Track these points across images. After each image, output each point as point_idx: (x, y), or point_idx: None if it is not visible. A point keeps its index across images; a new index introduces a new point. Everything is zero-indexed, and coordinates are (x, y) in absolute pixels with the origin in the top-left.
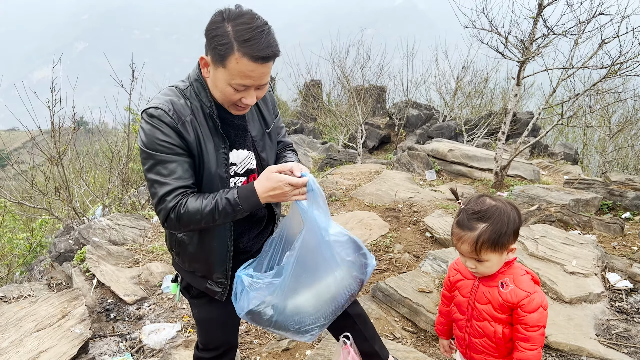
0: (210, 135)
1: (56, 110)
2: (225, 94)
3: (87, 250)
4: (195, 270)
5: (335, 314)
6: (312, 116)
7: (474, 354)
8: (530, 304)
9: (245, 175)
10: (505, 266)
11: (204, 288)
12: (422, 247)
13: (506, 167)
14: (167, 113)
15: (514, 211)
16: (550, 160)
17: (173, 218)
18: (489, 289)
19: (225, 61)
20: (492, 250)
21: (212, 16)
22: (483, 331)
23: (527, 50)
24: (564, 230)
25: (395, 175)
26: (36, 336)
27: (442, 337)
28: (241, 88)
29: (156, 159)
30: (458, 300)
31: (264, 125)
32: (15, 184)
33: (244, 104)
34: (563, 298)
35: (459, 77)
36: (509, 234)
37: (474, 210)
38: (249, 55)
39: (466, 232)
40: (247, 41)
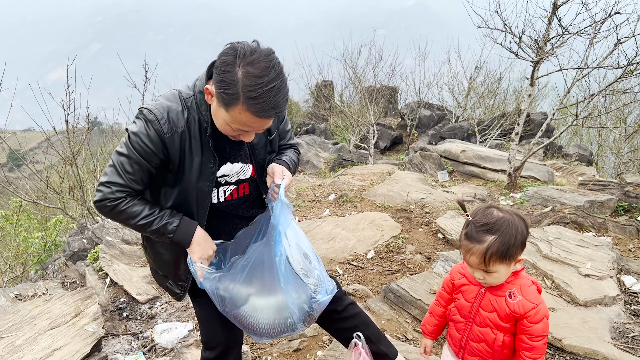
0: (201, 149)
1: (70, 110)
2: (224, 129)
3: (101, 249)
4: (158, 268)
5: (274, 335)
6: (324, 117)
7: (469, 355)
8: (536, 315)
9: (235, 184)
10: (512, 276)
11: (165, 287)
12: (434, 249)
13: (519, 168)
14: (158, 121)
15: (521, 222)
16: (565, 161)
17: (109, 206)
18: (496, 297)
19: (228, 108)
20: (500, 262)
21: (224, 48)
22: (483, 337)
23: (542, 50)
24: (579, 232)
25: (407, 176)
26: (50, 334)
27: (427, 337)
28: (241, 132)
29: (129, 153)
30: (460, 303)
31: (266, 133)
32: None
33: (243, 139)
34: (577, 301)
35: (471, 78)
36: (517, 245)
37: (482, 223)
38: (253, 112)
39: (475, 245)
40: (254, 99)
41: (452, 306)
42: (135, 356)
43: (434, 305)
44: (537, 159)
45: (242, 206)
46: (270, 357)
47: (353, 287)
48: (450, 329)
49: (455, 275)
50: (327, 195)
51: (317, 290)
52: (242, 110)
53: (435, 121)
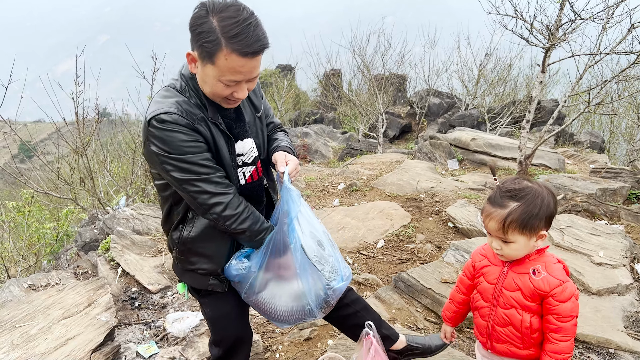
0: (216, 132)
1: (80, 101)
2: (215, 90)
3: (112, 239)
4: (198, 268)
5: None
6: (332, 106)
7: (497, 343)
8: (563, 293)
9: (253, 164)
10: (536, 253)
11: (207, 285)
12: (445, 238)
13: (530, 156)
14: (180, 116)
15: (549, 196)
16: (576, 148)
17: (234, 214)
18: (519, 275)
19: (213, 58)
20: (520, 232)
21: (194, 9)
22: (509, 319)
23: (553, 36)
24: (591, 221)
25: (417, 165)
26: (64, 324)
27: (447, 324)
28: (232, 84)
29: (188, 161)
30: (483, 287)
31: (254, 110)
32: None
33: (235, 98)
34: (590, 289)
35: (481, 65)
36: (540, 217)
37: (508, 189)
38: (238, 51)
39: (496, 209)
40: (235, 36)
41: (474, 293)
42: (147, 345)
43: (454, 291)
44: (548, 147)
45: (260, 188)
46: (282, 345)
47: (363, 277)
48: (475, 319)
49: (477, 257)
50: (336, 185)
51: (333, 277)
52: (227, 54)
53: (445, 109)
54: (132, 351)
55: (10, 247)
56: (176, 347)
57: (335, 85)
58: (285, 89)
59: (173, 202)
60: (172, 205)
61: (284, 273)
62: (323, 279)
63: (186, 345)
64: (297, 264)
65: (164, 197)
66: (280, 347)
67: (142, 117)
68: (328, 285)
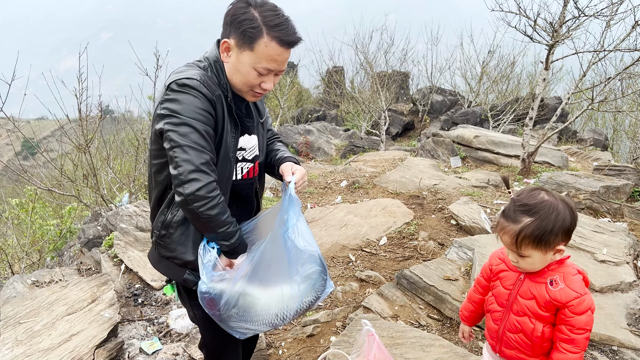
0: (228, 118)
1: (83, 99)
2: (247, 78)
3: (115, 236)
4: (175, 257)
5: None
6: (335, 103)
7: (506, 348)
8: (580, 306)
9: (252, 162)
10: (556, 263)
11: (182, 280)
12: (447, 235)
13: (533, 154)
14: (203, 84)
15: (567, 210)
16: (579, 146)
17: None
18: (535, 284)
19: (254, 44)
20: (534, 247)
21: (233, 2)
22: (521, 327)
23: (557, 33)
24: (594, 218)
25: (420, 162)
26: (67, 320)
27: (465, 324)
28: (265, 72)
29: (194, 126)
30: (498, 291)
31: (258, 115)
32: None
33: (263, 89)
34: (593, 287)
35: (484, 62)
36: (555, 232)
37: (522, 202)
38: (278, 39)
39: (509, 224)
40: (277, 26)
41: (489, 295)
42: (151, 341)
43: (471, 291)
44: (551, 144)
45: (251, 188)
46: (284, 342)
47: (366, 274)
48: (487, 321)
49: (494, 260)
50: (338, 182)
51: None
52: (267, 42)
53: (448, 106)
54: (136, 347)
55: (14, 243)
56: (179, 344)
57: (337, 82)
58: (288, 86)
59: (167, 184)
60: (166, 188)
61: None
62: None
63: (189, 342)
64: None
65: (157, 181)
66: (283, 343)
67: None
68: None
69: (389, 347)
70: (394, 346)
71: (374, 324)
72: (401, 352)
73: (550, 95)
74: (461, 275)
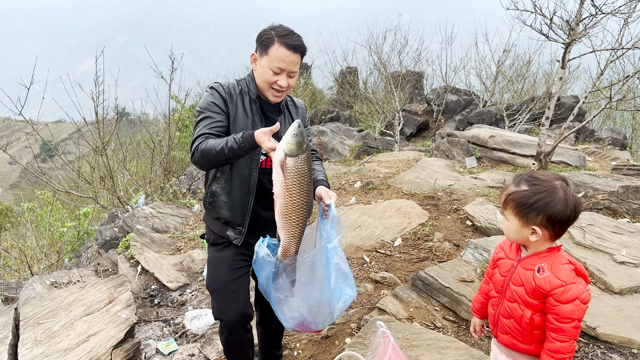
0: (251, 112)
1: (100, 101)
2: (266, 77)
3: (132, 237)
4: (221, 217)
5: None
6: (348, 104)
7: (500, 333)
8: (563, 295)
9: (265, 156)
10: (548, 251)
11: (225, 234)
12: (463, 236)
13: (550, 153)
14: (221, 86)
15: (562, 201)
16: (597, 145)
17: (197, 154)
18: (525, 271)
19: (268, 49)
20: (514, 213)
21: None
22: (512, 312)
23: (574, 32)
24: (613, 219)
25: (434, 163)
26: (85, 320)
27: (476, 316)
28: (278, 71)
29: (203, 114)
30: (495, 277)
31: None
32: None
33: (279, 86)
34: (612, 289)
35: (499, 61)
36: (535, 209)
37: (533, 175)
38: (284, 44)
39: (510, 185)
40: (285, 36)
41: (490, 283)
42: (167, 342)
43: (482, 283)
44: (568, 144)
45: (268, 177)
46: (299, 343)
47: (380, 275)
48: (488, 308)
49: (497, 249)
50: (352, 183)
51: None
52: (277, 47)
53: (463, 106)
54: (152, 348)
55: (33, 245)
56: (195, 344)
57: (351, 83)
58: (302, 87)
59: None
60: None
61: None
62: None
63: (205, 342)
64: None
65: None
66: (298, 345)
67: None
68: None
69: (404, 349)
70: (409, 348)
71: (389, 326)
72: (417, 354)
73: (567, 94)
74: (477, 276)
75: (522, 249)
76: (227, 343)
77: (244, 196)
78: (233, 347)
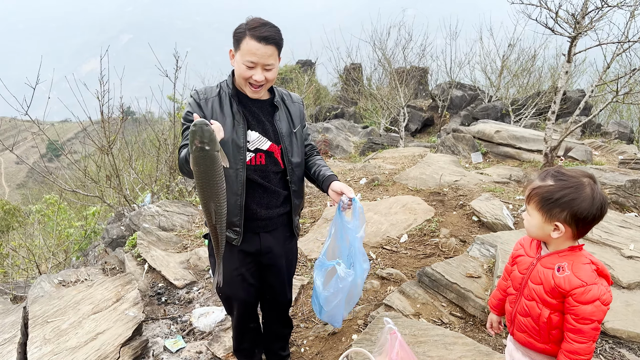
0: (231, 113)
1: (105, 101)
2: (240, 72)
3: (138, 236)
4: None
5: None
6: (353, 100)
7: (517, 331)
8: (584, 295)
9: (253, 152)
10: (568, 250)
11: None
12: (469, 232)
13: (556, 148)
14: (197, 93)
15: (588, 199)
16: (603, 139)
17: (178, 166)
18: (544, 269)
19: (240, 44)
20: (537, 208)
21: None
22: (529, 311)
23: (579, 25)
24: (620, 213)
25: (440, 158)
26: (93, 318)
27: (493, 312)
28: (251, 65)
29: (184, 126)
30: (514, 275)
31: (291, 125)
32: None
33: (255, 81)
34: (620, 283)
35: (504, 56)
36: (560, 205)
37: (560, 171)
38: (254, 36)
39: (535, 179)
40: (254, 28)
41: (508, 280)
42: (174, 340)
43: (500, 279)
44: (574, 138)
45: (260, 174)
46: (306, 340)
47: (387, 271)
48: (505, 304)
49: (516, 245)
50: (358, 180)
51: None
52: (248, 40)
53: (468, 101)
54: (160, 345)
55: (40, 244)
56: (202, 342)
57: (355, 79)
58: (306, 84)
59: None
60: None
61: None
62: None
63: (212, 340)
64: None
65: None
66: (305, 341)
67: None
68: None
69: (412, 345)
70: (416, 344)
71: (395, 322)
72: (424, 350)
73: (573, 88)
74: (484, 272)
75: (543, 247)
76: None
77: (234, 196)
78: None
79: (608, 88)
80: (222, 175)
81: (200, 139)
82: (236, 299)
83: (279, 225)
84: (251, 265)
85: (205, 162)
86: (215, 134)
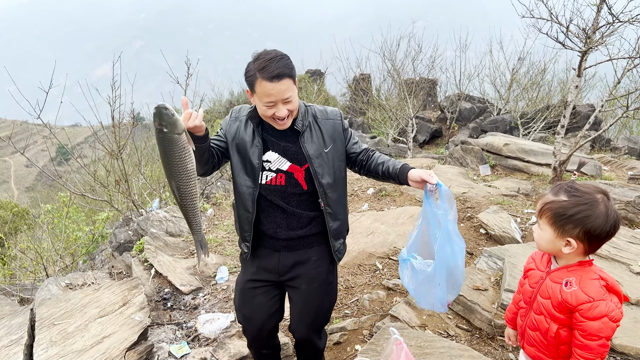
0: (252, 136)
1: (116, 106)
2: (262, 112)
3: (146, 241)
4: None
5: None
6: (361, 110)
7: (527, 345)
8: (591, 311)
9: (274, 172)
10: (577, 265)
11: (240, 247)
12: (477, 244)
13: (565, 162)
14: (233, 112)
15: (602, 216)
16: (613, 154)
17: None
18: (553, 284)
19: (254, 87)
20: (549, 223)
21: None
22: (538, 325)
23: (590, 40)
24: (630, 229)
25: (448, 170)
26: (99, 322)
27: (509, 326)
28: (270, 105)
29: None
30: (525, 288)
31: (322, 145)
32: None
33: (278, 117)
34: (629, 300)
35: (514, 69)
36: (573, 222)
37: (573, 186)
38: (265, 78)
39: (548, 194)
40: (263, 69)
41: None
42: (179, 345)
43: (515, 293)
44: (583, 153)
45: (279, 195)
46: None
47: (393, 282)
48: (517, 317)
49: (529, 259)
50: (365, 189)
51: None
52: (260, 83)
53: (476, 114)
54: (165, 351)
55: (49, 247)
56: (207, 348)
57: (364, 89)
58: (315, 94)
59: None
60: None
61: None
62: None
63: (217, 347)
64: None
65: None
66: None
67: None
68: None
69: (417, 357)
70: (422, 356)
71: (401, 333)
72: None
73: (582, 102)
74: (491, 285)
75: (553, 261)
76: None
77: (245, 213)
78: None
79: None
80: (183, 157)
81: (159, 122)
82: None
83: (305, 247)
84: (270, 285)
85: (164, 143)
86: (176, 118)
